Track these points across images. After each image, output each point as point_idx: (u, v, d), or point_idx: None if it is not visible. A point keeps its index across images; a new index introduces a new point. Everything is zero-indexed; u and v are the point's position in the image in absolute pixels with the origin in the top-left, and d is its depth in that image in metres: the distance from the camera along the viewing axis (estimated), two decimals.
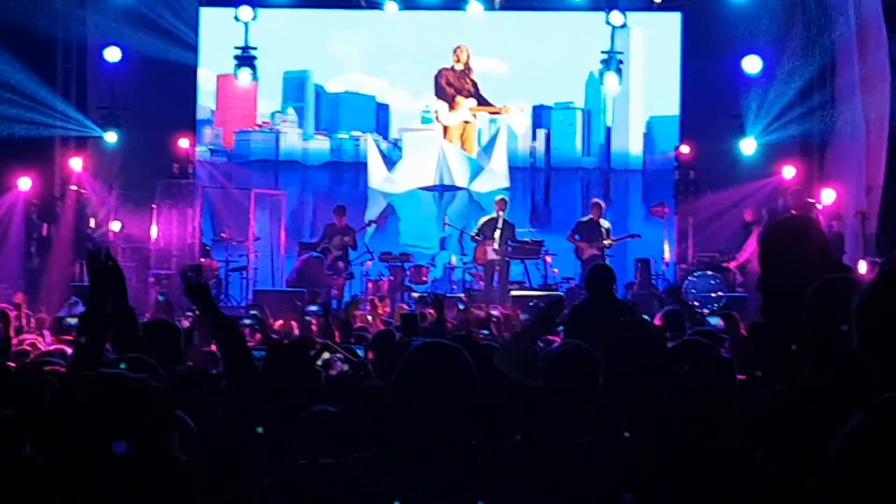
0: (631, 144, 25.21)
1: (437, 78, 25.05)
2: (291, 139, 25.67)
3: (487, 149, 25.16)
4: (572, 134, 25.38)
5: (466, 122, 25.15)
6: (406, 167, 25.27)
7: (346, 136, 25.68)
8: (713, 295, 20.29)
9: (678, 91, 24.62)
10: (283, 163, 25.57)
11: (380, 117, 25.60)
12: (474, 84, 25.02)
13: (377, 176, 25.32)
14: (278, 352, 5.72)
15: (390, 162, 25.36)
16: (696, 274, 20.82)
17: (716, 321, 10.08)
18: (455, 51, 24.93)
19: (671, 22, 24.56)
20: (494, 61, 25.24)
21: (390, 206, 25.27)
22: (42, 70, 22.12)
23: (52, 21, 22.57)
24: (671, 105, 24.74)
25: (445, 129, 25.19)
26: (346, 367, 5.92)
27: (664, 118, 25.06)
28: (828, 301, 4.15)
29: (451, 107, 25.09)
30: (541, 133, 25.41)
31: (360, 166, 25.55)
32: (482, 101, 25.08)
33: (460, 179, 25.08)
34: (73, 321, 13.67)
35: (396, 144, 25.49)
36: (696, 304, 18.65)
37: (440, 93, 25.08)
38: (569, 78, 25.20)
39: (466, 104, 25.07)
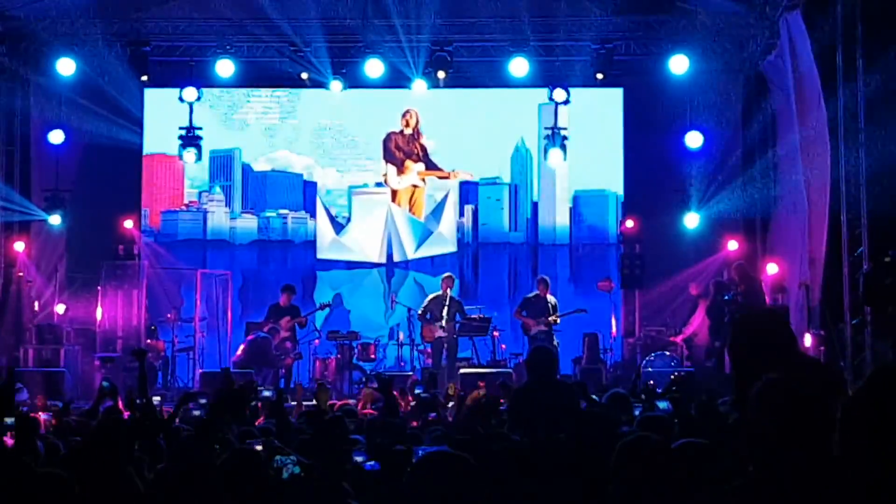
0: (558, 219, 25.33)
1: (385, 141, 25.16)
2: (219, 218, 25.63)
3: (436, 213, 25.21)
4: (500, 209, 25.49)
5: (415, 186, 25.23)
6: (354, 232, 25.27)
7: (273, 215, 25.68)
8: (672, 376, 20.30)
9: (621, 166, 24.77)
10: (211, 242, 25.48)
11: (307, 195, 25.63)
12: (423, 148, 25.14)
13: (325, 238, 25.28)
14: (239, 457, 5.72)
15: (338, 225, 25.34)
16: (653, 354, 20.83)
17: (665, 405, 10.11)
18: (404, 115, 25.07)
19: (610, 98, 24.73)
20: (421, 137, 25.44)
21: (339, 295, 25.17)
22: None
23: None
24: (613, 180, 24.89)
25: (394, 192, 25.24)
26: (296, 470, 5.89)
27: (590, 192, 25.29)
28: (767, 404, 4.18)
29: (400, 171, 25.17)
30: (468, 208, 25.52)
31: (288, 244, 25.56)
32: (431, 166, 25.19)
33: (408, 246, 25.09)
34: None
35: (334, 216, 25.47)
36: (651, 382, 18.70)
37: (389, 156, 25.18)
38: (494, 153, 25.40)
39: (415, 168, 25.17)
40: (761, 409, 4.06)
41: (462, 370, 20.59)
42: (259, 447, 7.04)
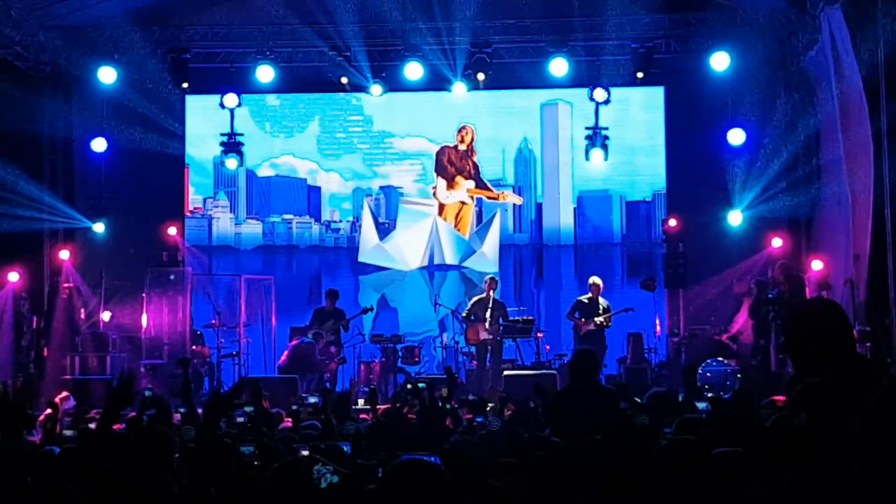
0: (562, 219, 25.29)
1: (439, 155, 25.18)
2: (224, 224, 25.70)
3: (481, 232, 25.19)
4: (504, 210, 25.46)
5: (463, 203, 25.22)
6: (398, 239, 25.29)
7: (278, 220, 25.72)
8: (727, 383, 20.20)
9: (663, 164, 24.71)
10: (216, 248, 25.53)
11: (311, 200, 25.69)
12: (475, 166, 25.14)
13: (368, 242, 25.32)
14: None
15: (383, 230, 25.37)
16: (711, 361, 20.65)
17: (703, 405, 10.03)
18: (460, 131, 25.10)
19: (651, 96, 24.67)
20: (423, 140, 25.44)
21: (383, 296, 25.23)
22: (29, 163, 22.26)
23: (38, 115, 22.75)
24: (655, 179, 24.83)
25: (442, 206, 25.25)
26: (334, 480, 5.90)
27: (594, 192, 25.26)
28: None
29: (450, 185, 25.17)
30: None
31: (293, 249, 25.61)
32: (481, 185, 25.18)
33: (450, 258, 25.10)
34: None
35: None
36: (706, 386, 18.66)
37: (440, 170, 25.19)
38: (496, 154, 25.37)
39: (465, 185, 25.15)
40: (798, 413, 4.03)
41: (506, 372, 20.59)
42: (305, 452, 7.07)
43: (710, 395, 11.85)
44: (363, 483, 6.11)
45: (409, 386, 14.05)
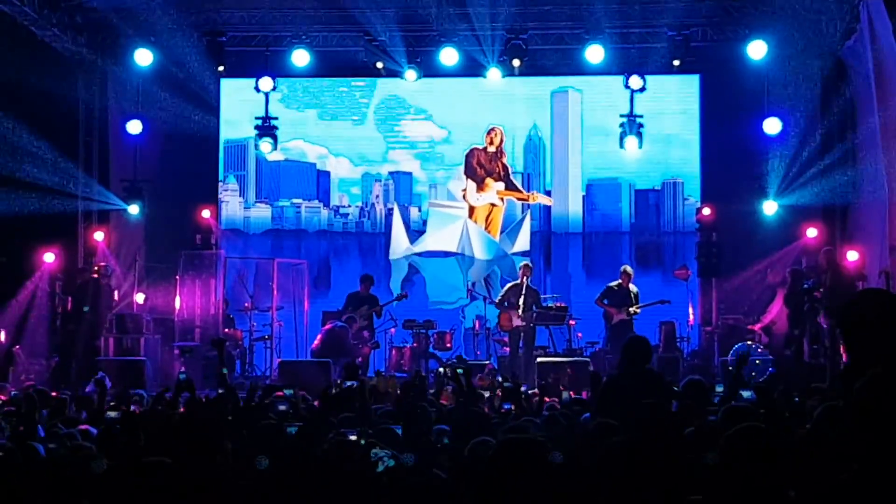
0: (570, 207, 25.26)
1: (468, 157, 25.15)
2: (233, 208, 25.72)
3: (511, 234, 25.17)
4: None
5: (493, 205, 25.18)
6: (428, 242, 25.31)
7: (287, 204, 25.74)
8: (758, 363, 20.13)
9: (697, 153, 24.64)
10: (225, 231, 25.40)
11: (320, 185, 25.70)
12: (505, 168, 25.11)
13: (399, 246, 25.35)
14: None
15: (413, 234, 25.39)
16: (737, 345, 20.60)
17: (748, 394, 10.00)
18: (489, 133, 25.06)
19: (687, 84, 24.59)
20: (429, 124, 25.49)
21: (412, 266, 25.28)
22: (64, 144, 22.40)
23: (74, 96, 22.83)
24: (690, 168, 24.77)
25: (472, 209, 25.24)
26: (391, 464, 5.91)
27: (603, 180, 25.24)
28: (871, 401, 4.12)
29: (480, 188, 25.14)
30: None
31: (301, 234, 25.64)
32: (510, 186, 25.15)
33: (481, 257, 25.11)
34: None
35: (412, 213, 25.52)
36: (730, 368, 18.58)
37: (470, 172, 25.16)
38: (507, 142, 25.35)
39: (495, 187, 25.12)
40: (865, 407, 3.99)
41: (539, 359, 20.57)
42: (353, 437, 7.07)
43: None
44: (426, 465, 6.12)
45: (444, 371, 14.05)
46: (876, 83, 19.27)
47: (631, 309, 21.45)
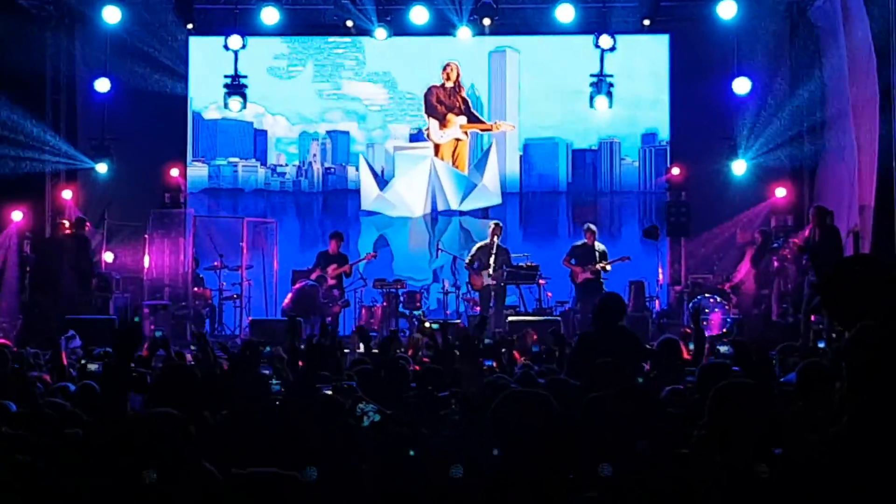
0: (508, 166, 25.31)
1: (427, 96, 25.12)
2: None
3: (479, 166, 25.19)
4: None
5: (458, 140, 25.19)
6: (398, 187, 25.28)
7: (224, 163, 25.63)
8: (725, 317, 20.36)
9: (667, 112, 24.67)
10: None
11: (258, 144, 25.63)
12: (465, 101, 25.09)
13: (369, 195, 25.32)
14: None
15: (381, 181, 25.35)
16: (699, 297, 20.85)
17: (725, 349, 10.08)
18: (445, 68, 25.01)
19: (657, 44, 24.60)
20: (367, 84, 25.46)
21: (382, 236, 25.26)
22: (31, 103, 22.22)
23: (41, 54, 22.65)
24: (660, 127, 24.84)
25: (437, 146, 25.22)
26: (377, 418, 5.94)
27: (541, 140, 25.28)
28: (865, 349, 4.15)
29: (443, 125, 25.13)
30: None
31: (238, 193, 25.54)
32: (472, 119, 25.15)
33: (452, 199, 25.08)
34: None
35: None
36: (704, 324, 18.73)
37: (431, 111, 25.13)
38: None
39: (458, 122, 25.12)
40: (861, 355, 4.04)
41: (510, 318, 20.63)
42: (328, 392, 7.09)
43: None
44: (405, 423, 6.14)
45: (423, 325, 14.05)
46: (846, 44, 19.34)
47: (598, 266, 21.46)
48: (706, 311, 20.32)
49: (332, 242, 22.52)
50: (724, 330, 18.72)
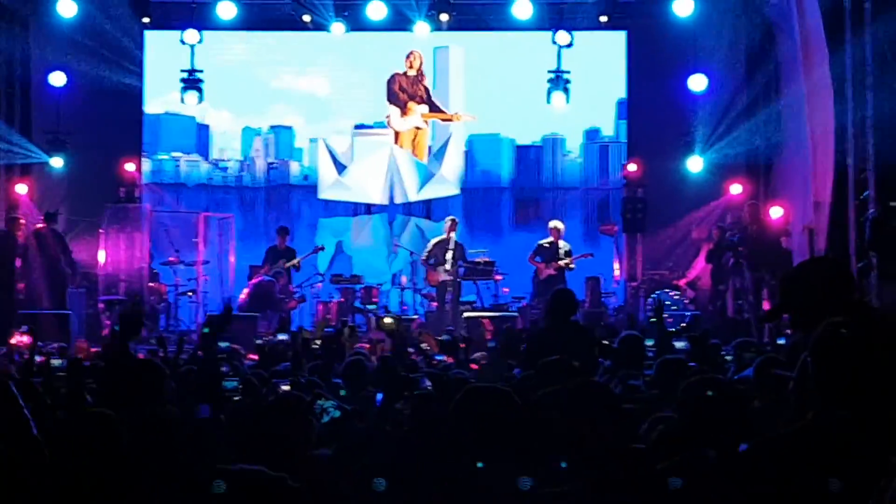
0: (451, 163, 25.42)
1: (389, 83, 25.08)
2: None
3: (438, 155, 25.19)
4: None
5: (418, 129, 25.18)
6: (356, 172, 25.23)
7: (165, 157, 25.53)
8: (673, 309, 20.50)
9: (623, 109, 24.79)
10: None
11: (200, 138, 25.57)
12: (427, 90, 25.08)
13: (327, 179, 25.26)
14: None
15: (340, 165, 25.29)
16: (659, 292, 20.96)
17: (682, 344, 10.13)
18: (408, 56, 25.01)
19: (614, 40, 24.66)
20: (311, 78, 25.51)
21: (340, 243, 25.18)
22: None
23: None
24: (616, 124, 24.94)
25: (397, 134, 25.19)
26: (336, 415, 5.92)
27: (484, 136, 25.46)
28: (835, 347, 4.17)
29: (403, 112, 25.11)
30: None
31: (180, 187, 25.48)
32: (434, 108, 25.14)
33: (411, 187, 25.06)
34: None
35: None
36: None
37: (392, 98, 25.11)
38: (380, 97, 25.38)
39: (419, 110, 25.11)
40: (824, 354, 4.05)
41: (466, 314, 20.63)
42: (286, 387, 7.07)
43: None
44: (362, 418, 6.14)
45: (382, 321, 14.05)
46: (802, 41, 19.42)
47: (560, 262, 21.52)
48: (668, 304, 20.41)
49: (279, 238, 22.48)
50: (683, 325, 18.79)
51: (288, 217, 25.15)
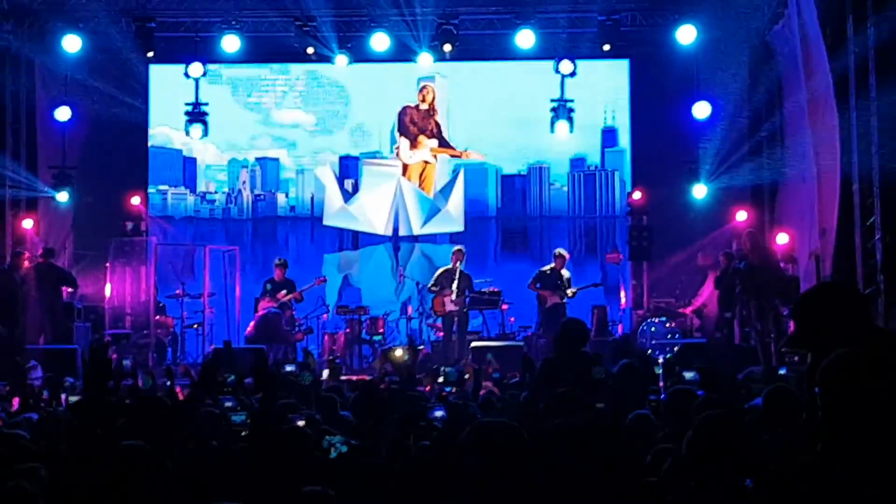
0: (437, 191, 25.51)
1: (400, 115, 25.16)
2: None
3: (445, 191, 25.20)
4: None
5: (427, 162, 25.21)
6: (363, 201, 25.26)
7: (153, 191, 25.46)
8: (668, 337, 20.52)
9: (628, 137, 24.82)
10: None
11: (187, 171, 25.59)
12: (437, 125, 25.13)
13: (333, 205, 25.27)
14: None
15: (346, 193, 25.31)
16: (650, 320, 21.02)
17: (691, 375, 10.11)
18: (421, 90, 25.08)
19: (617, 69, 24.70)
20: (297, 111, 25.59)
21: (347, 277, 25.20)
22: None
23: (1, 83, 22.50)
24: (620, 152, 24.98)
25: (405, 166, 25.22)
26: (344, 450, 5.91)
27: (472, 164, 25.43)
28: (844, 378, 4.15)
29: (413, 145, 25.14)
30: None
31: (168, 220, 25.41)
32: (444, 143, 25.19)
33: (415, 221, 25.07)
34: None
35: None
36: (650, 350, 18.85)
37: (403, 130, 25.19)
38: (374, 127, 25.57)
39: (428, 144, 25.15)
40: (836, 383, 4.02)
41: (473, 343, 20.61)
42: (301, 422, 7.06)
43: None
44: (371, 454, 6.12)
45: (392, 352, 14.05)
46: (803, 68, 19.45)
47: (569, 291, 21.55)
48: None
49: (277, 270, 22.46)
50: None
51: (274, 247, 25.21)
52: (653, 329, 20.93)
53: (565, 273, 21.84)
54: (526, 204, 25.34)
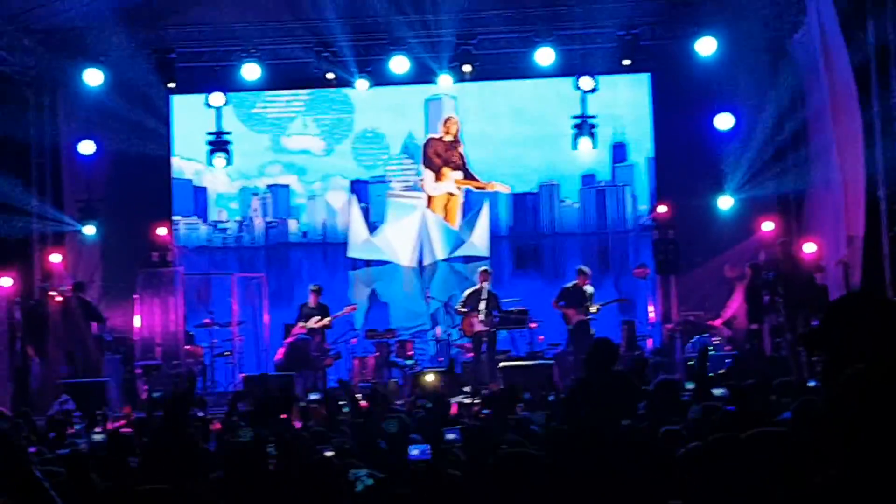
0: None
1: (425, 147, 25.17)
2: None
3: (470, 222, 25.17)
4: None
5: (451, 194, 25.20)
6: (388, 233, 25.25)
7: None
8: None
9: (651, 151, 24.76)
10: None
11: (198, 200, 25.60)
12: (462, 157, 25.11)
13: (357, 237, 25.28)
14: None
15: (372, 225, 25.33)
16: (698, 337, 20.89)
17: (720, 392, 10.04)
18: (445, 122, 25.07)
19: (638, 83, 24.68)
20: (306, 137, 25.55)
21: (374, 292, 25.20)
22: (15, 168, 22.14)
23: (24, 118, 22.64)
24: (643, 166, 24.92)
25: (430, 198, 25.23)
26: (369, 482, 5.86)
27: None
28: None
29: (438, 177, 25.14)
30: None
31: (181, 250, 25.08)
32: (468, 175, 25.16)
33: (440, 253, 25.06)
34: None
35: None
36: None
37: (427, 162, 25.17)
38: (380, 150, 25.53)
39: (453, 176, 25.13)
40: (852, 401, 3.97)
41: (502, 363, 20.58)
42: (330, 453, 7.03)
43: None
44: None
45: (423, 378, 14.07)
46: (826, 75, 19.38)
47: (592, 308, 21.51)
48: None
49: (312, 296, 22.43)
50: (721, 372, 18.64)
51: (288, 274, 25.23)
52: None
53: (588, 289, 21.80)
54: (537, 222, 25.28)
